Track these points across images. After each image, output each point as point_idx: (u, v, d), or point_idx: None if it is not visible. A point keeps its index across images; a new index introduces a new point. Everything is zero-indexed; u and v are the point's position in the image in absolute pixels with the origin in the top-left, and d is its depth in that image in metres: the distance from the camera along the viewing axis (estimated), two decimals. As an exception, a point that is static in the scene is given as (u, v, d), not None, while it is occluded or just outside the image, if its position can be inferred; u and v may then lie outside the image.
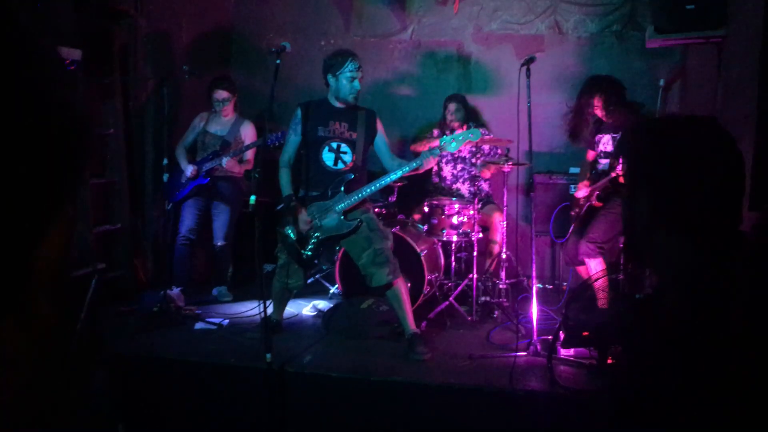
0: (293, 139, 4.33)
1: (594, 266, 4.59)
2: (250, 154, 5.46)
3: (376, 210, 5.05)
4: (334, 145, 4.23)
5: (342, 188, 4.19)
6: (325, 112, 4.30)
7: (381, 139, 4.35)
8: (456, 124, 5.64)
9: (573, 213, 5.05)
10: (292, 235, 4.24)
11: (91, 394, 3.72)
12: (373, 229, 4.21)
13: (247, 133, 5.46)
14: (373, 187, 4.18)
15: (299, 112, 4.33)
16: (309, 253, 4.24)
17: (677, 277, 1.32)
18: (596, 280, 4.09)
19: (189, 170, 5.25)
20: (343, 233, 4.20)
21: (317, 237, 4.21)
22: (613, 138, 4.88)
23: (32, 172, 0.48)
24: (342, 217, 4.19)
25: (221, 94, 5.38)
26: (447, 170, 5.80)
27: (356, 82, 4.21)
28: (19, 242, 0.48)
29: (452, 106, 5.68)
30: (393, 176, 4.17)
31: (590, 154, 5.11)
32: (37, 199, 0.49)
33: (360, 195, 4.16)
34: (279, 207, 4.33)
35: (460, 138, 4.11)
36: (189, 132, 5.48)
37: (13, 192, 0.47)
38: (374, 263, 4.14)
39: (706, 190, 1.25)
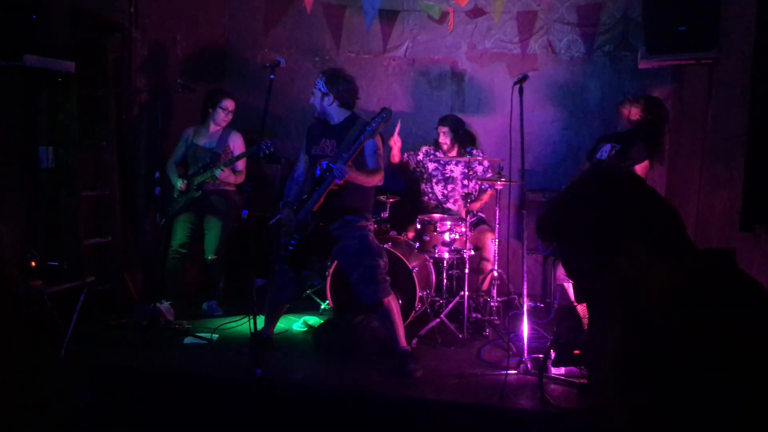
0: (303, 157, 4.49)
1: (572, 291, 4.54)
2: (241, 165, 5.46)
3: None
4: (324, 164, 4.23)
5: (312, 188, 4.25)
6: (320, 130, 4.35)
7: (367, 150, 4.22)
8: (446, 147, 5.68)
9: None
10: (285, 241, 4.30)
11: (80, 408, 3.69)
12: (364, 247, 4.20)
13: (236, 143, 5.47)
14: (326, 185, 4.09)
15: (307, 131, 4.47)
16: (289, 251, 4.26)
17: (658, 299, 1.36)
18: (579, 304, 4.08)
19: (179, 184, 5.25)
20: (311, 233, 4.19)
21: (296, 237, 4.23)
22: (612, 146, 4.89)
23: None
24: (307, 216, 4.20)
25: (231, 104, 5.40)
26: (437, 190, 5.81)
27: (311, 98, 4.31)
28: None
29: (443, 130, 5.69)
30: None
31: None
32: None
33: (319, 192, 4.12)
34: (271, 222, 4.34)
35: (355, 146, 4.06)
36: (178, 147, 5.47)
37: None
38: (363, 281, 4.13)
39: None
